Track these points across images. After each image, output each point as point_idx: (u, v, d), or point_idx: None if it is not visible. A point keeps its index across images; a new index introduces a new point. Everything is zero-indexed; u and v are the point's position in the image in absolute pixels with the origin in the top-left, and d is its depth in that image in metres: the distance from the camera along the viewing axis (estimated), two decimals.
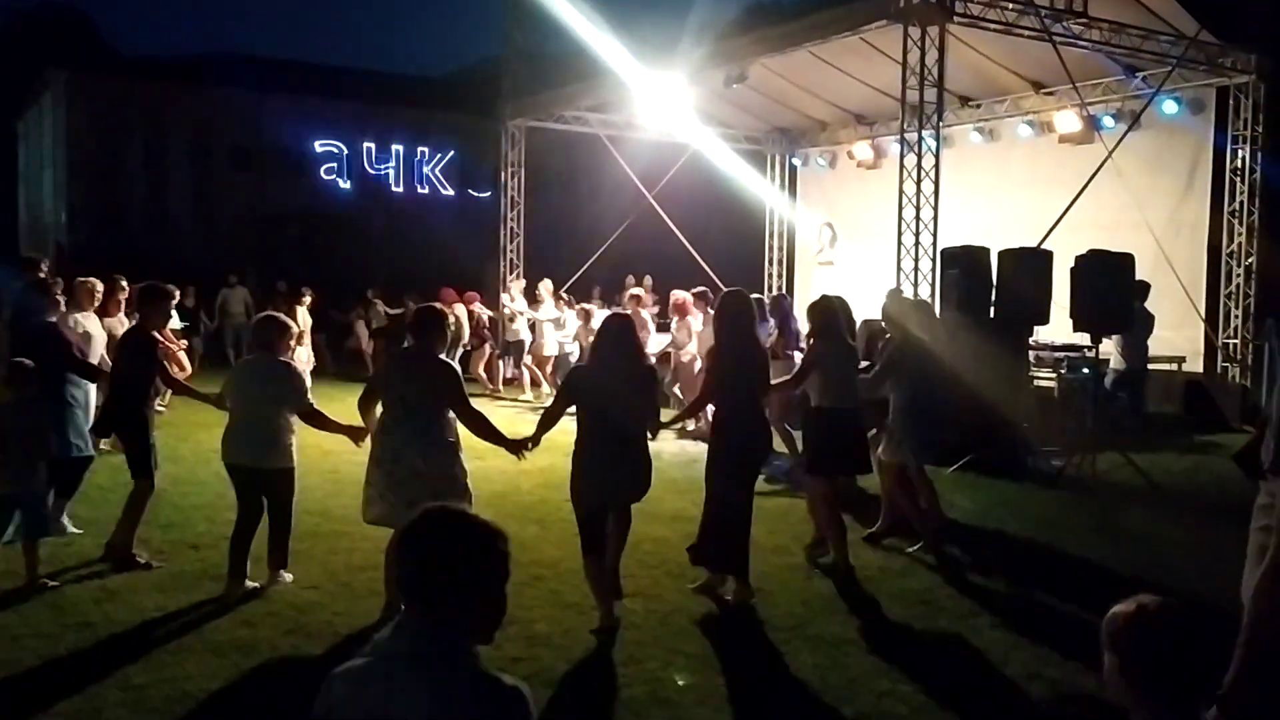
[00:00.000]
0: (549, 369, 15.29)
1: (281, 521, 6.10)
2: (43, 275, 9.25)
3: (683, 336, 12.18)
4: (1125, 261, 9.46)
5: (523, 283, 16.65)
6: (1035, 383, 11.63)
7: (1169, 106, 13.68)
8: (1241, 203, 13.64)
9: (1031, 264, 9.74)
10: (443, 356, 5.76)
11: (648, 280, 19.39)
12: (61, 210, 39.24)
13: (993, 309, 10.15)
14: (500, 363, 16.77)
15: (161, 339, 7.13)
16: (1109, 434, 10.07)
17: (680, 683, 4.78)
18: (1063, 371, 11.60)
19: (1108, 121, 14.14)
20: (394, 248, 36.19)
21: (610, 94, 15.83)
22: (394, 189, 41.28)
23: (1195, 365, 13.72)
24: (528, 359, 15.63)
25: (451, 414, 5.52)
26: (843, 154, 18.78)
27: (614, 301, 16.40)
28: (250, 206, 38.98)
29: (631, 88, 14.79)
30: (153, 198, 39.52)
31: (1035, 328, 10.60)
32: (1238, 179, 13.69)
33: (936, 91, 10.82)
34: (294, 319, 13.64)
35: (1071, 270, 9.48)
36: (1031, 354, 11.26)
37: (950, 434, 9.98)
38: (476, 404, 5.71)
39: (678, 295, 12.46)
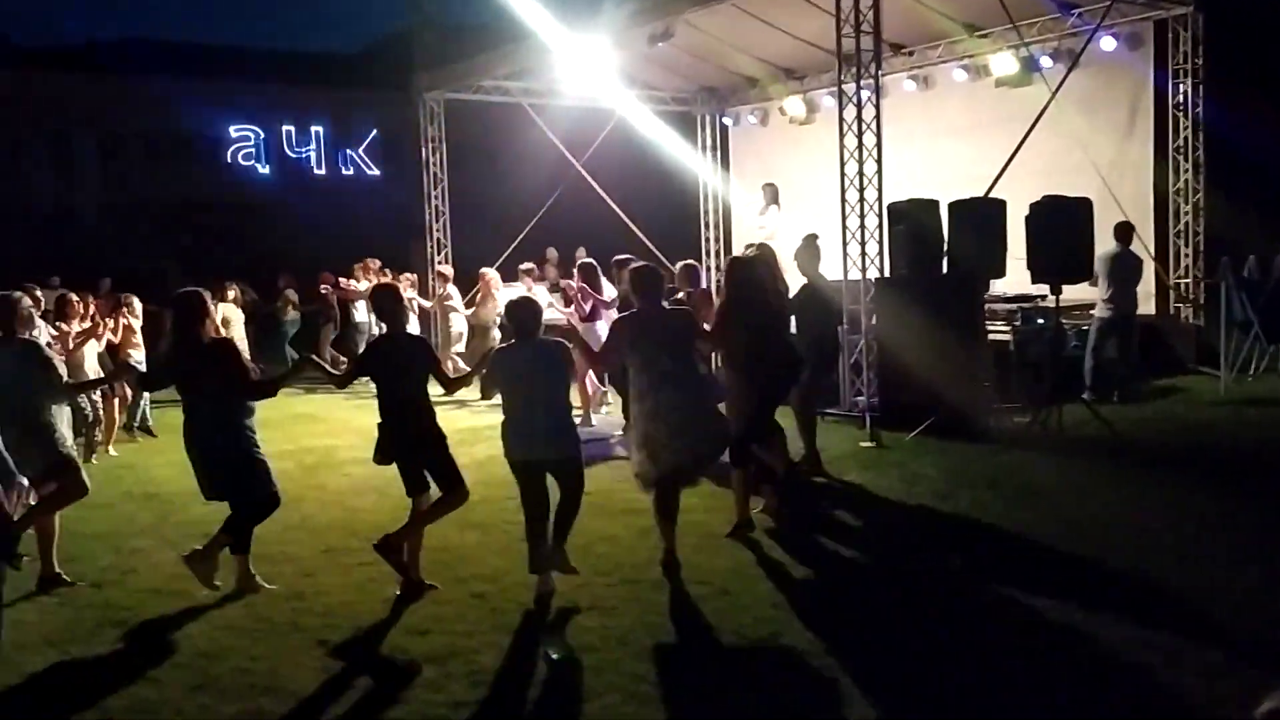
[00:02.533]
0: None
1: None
2: None
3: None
4: (1082, 207, 9.04)
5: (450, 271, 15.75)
6: (990, 337, 11.21)
7: (1106, 43, 13.26)
8: (1186, 139, 13.32)
9: (984, 215, 9.28)
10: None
11: (551, 253, 18.73)
12: None
13: (945, 264, 9.68)
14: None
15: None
16: (1068, 387, 9.70)
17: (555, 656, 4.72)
18: (1017, 324, 11.21)
19: (1045, 62, 13.71)
20: (318, 232, 35.14)
21: (530, 60, 15.08)
22: (316, 172, 40.05)
23: (1147, 308, 13.40)
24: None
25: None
26: (774, 111, 18.21)
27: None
28: (164, 197, 37.60)
29: (552, 52, 14.06)
30: (61, 193, 37.99)
31: (991, 282, 10.17)
32: (1180, 115, 13.36)
33: (873, 38, 10.26)
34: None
35: (1026, 219, 9.04)
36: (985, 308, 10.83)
37: (908, 396, 9.62)
38: None
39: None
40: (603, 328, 10.41)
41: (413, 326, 14.46)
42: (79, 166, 38.09)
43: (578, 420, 7.29)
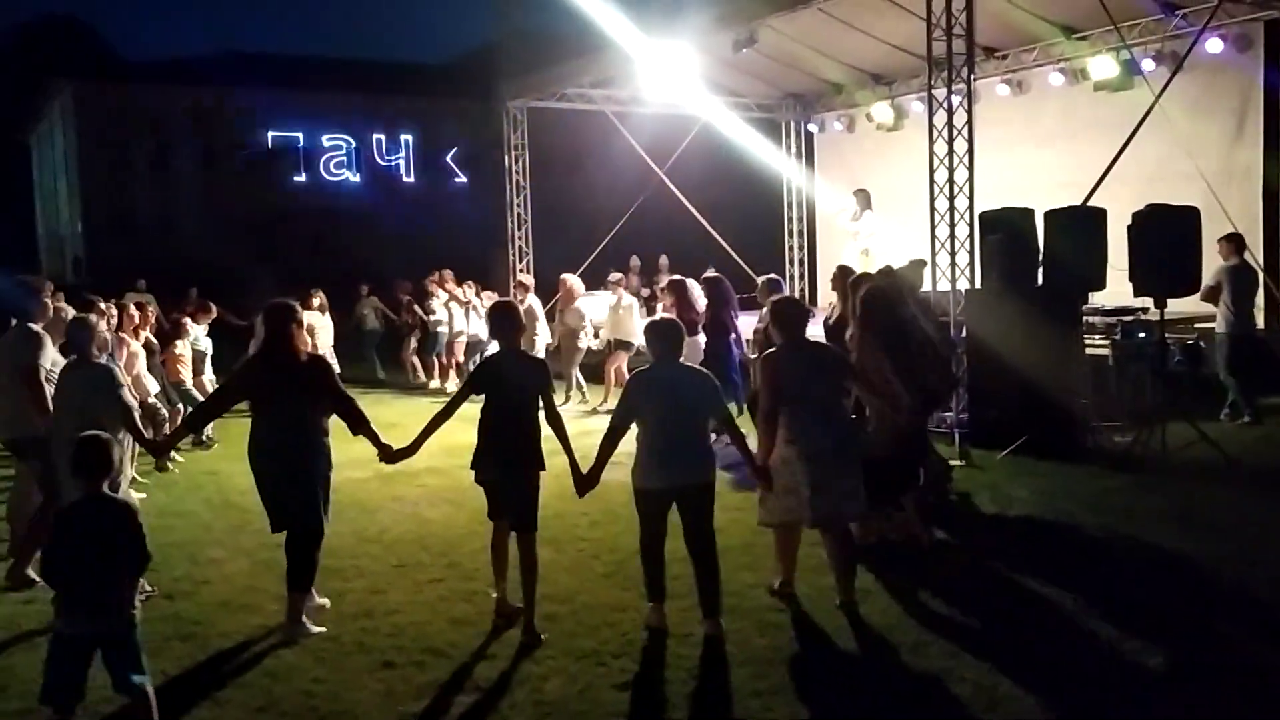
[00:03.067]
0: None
1: None
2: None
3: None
4: (1189, 216, 8.54)
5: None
6: (1087, 351, 10.71)
7: (1213, 45, 12.64)
8: None
9: (1082, 224, 8.84)
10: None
11: (634, 261, 18.56)
12: (77, 221, 38.88)
13: (1040, 275, 9.26)
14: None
15: None
16: (1172, 404, 9.17)
17: None
18: (1117, 338, 10.69)
19: (1147, 65, 13.12)
20: (406, 239, 35.59)
21: (613, 68, 14.96)
22: (405, 179, 40.64)
23: (1257, 322, 12.73)
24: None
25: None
26: (861, 117, 17.85)
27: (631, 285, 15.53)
28: (259, 205, 38.46)
29: (635, 59, 13.91)
30: (163, 202, 39.12)
31: (1089, 294, 9.71)
32: None
33: (966, 41, 9.89)
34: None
35: (1129, 228, 8.58)
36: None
37: (1001, 413, 9.22)
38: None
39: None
40: (700, 341, 10.29)
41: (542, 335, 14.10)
42: (177, 176, 39.15)
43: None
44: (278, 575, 6.18)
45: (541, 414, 5.38)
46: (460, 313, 15.09)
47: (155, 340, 11.19)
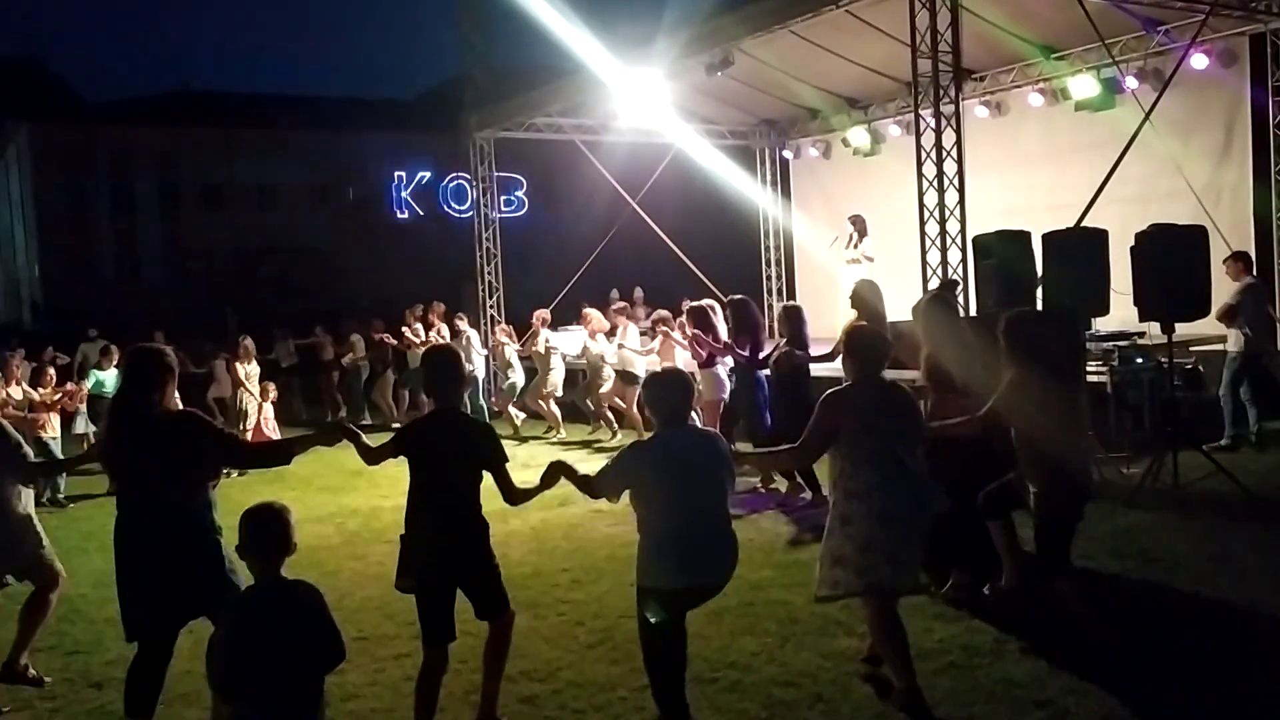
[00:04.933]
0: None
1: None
2: None
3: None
4: (1197, 236, 8.12)
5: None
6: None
7: (1198, 61, 12.32)
8: None
9: (1083, 247, 8.38)
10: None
11: (614, 294, 18.03)
12: (34, 264, 37.98)
13: (1039, 301, 8.79)
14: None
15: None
16: (1181, 433, 8.71)
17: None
18: (1114, 364, 10.25)
19: (1130, 83, 12.78)
20: (377, 276, 34.97)
21: (582, 95, 14.51)
22: (373, 216, 40.02)
23: None
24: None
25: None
26: (837, 142, 17.48)
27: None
28: (223, 246, 37.76)
29: (605, 86, 13.45)
30: (123, 244, 38.34)
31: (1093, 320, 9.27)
32: None
33: (952, 57, 9.49)
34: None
35: (1132, 250, 8.14)
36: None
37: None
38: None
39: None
40: (723, 371, 9.75)
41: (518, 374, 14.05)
42: (141, 217, 38.40)
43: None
44: None
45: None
46: None
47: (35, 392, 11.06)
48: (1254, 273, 10.10)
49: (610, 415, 12.86)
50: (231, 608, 3.46)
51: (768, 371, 9.05)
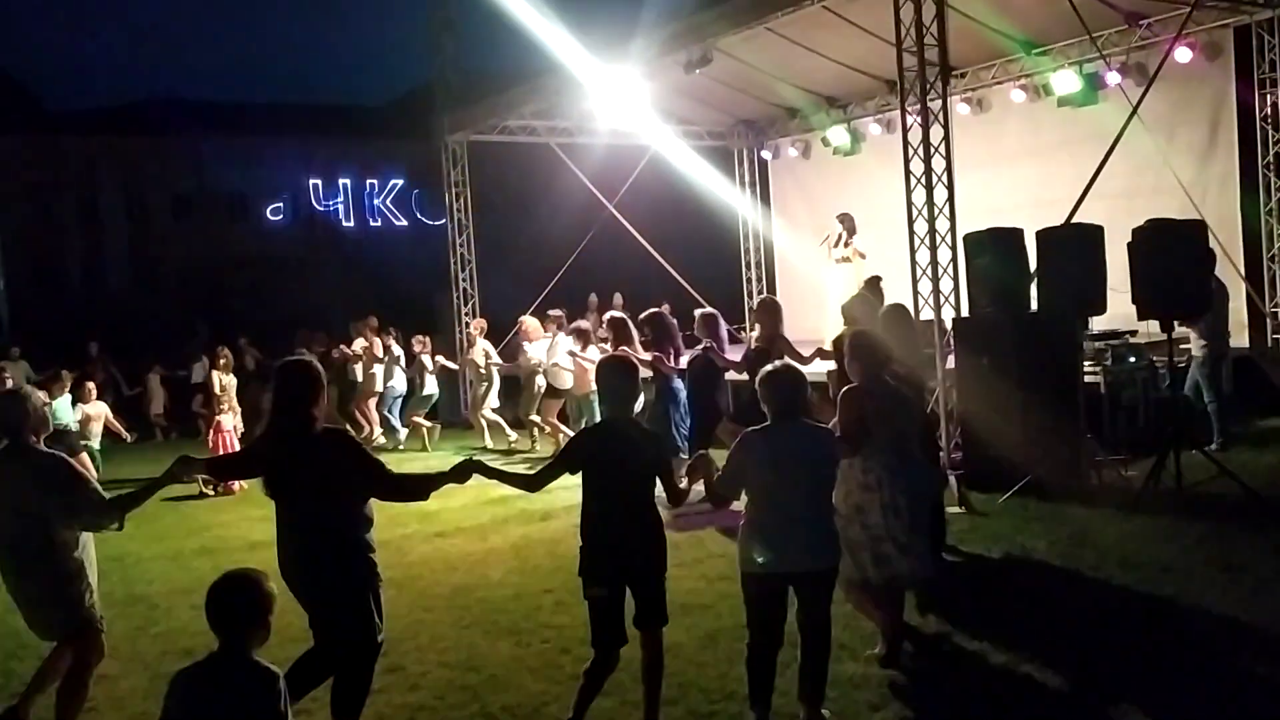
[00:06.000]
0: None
1: None
2: None
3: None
4: (1195, 231, 7.87)
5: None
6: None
7: (1181, 54, 12.08)
8: (1277, 154, 12.13)
9: (1079, 243, 8.12)
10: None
11: (593, 299, 17.77)
12: None
13: (1034, 301, 8.53)
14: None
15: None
16: (1181, 434, 8.44)
17: None
18: (1108, 364, 10.02)
19: (1112, 77, 12.56)
20: (348, 286, 34.52)
21: (556, 95, 14.14)
22: (345, 224, 39.48)
23: (1240, 339, 12.15)
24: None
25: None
26: (816, 142, 17.22)
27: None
28: (192, 257, 37.19)
29: (581, 86, 13.10)
30: (90, 256, 37.72)
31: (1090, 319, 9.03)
32: (1269, 128, 12.18)
33: (939, 51, 9.19)
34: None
35: (1130, 246, 7.87)
36: None
37: (996, 451, 8.45)
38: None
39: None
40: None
41: (430, 387, 13.93)
42: (108, 228, 37.78)
43: None
44: None
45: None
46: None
47: None
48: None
49: (538, 423, 12.67)
50: (174, 682, 3.04)
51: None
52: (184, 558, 8.48)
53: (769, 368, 4.52)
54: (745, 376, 8.40)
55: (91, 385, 12.72)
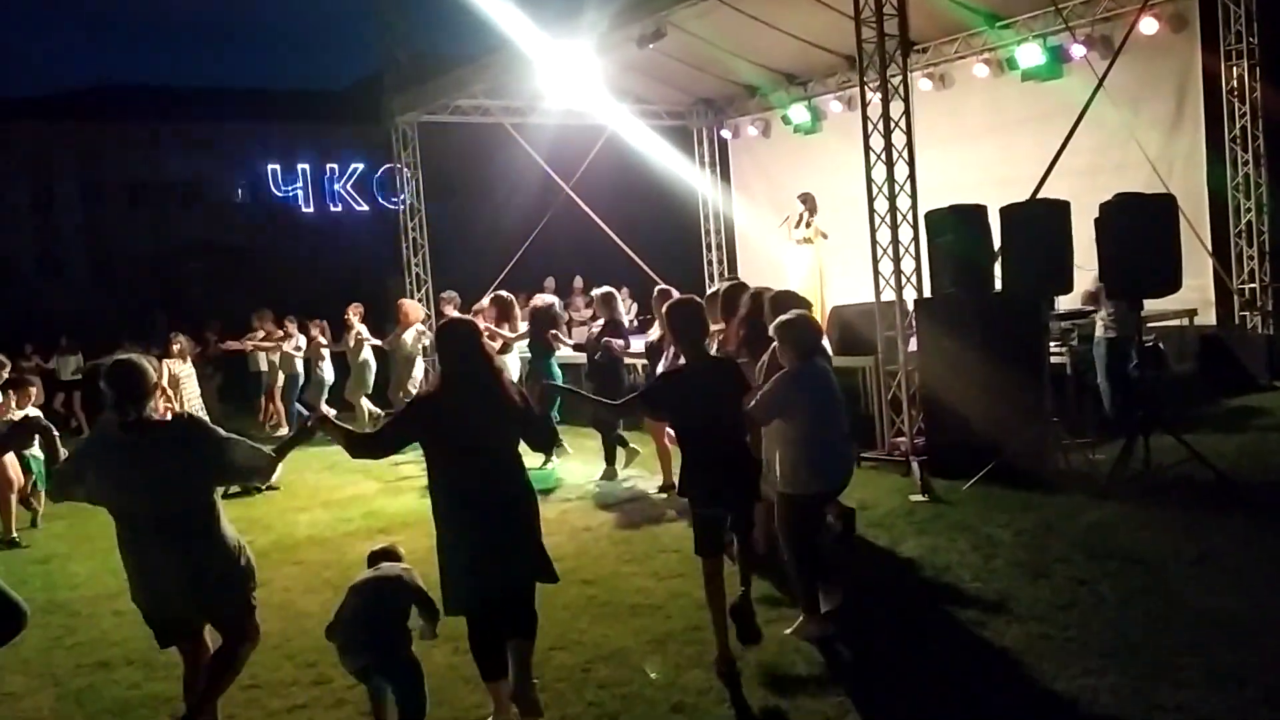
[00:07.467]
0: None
1: None
2: None
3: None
4: (1166, 206, 7.58)
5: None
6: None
7: (1147, 25, 11.84)
8: (1244, 127, 11.93)
9: (1044, 220, 7.82)
10: None
11: (549, 282, 17.39)
12: None
13: (999, 280, 8.25)
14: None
15: None
16: (1150, 416, 8.20)
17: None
18: (1074, 344, 9.78)
19: (1076, 50, 12.29)
20: (308, 271, 33.97)
21: (507, 73, 13.68)
22: (304, 210, 38.86)
23: (1207, 317, 12.00)
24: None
25: None
26: (776, 120, 16.90)
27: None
28: (148, 244, 36.51)
29: (531, 62, 12.67)
30: (44, 243, 36.93)
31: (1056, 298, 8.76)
32: (1236, 101, 11.98)
33: (898, 22, 8.86)
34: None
35: (1097, 222, 7.58)
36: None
37: (960, 436, 8.19)
38: None
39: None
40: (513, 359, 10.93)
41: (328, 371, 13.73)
42: (62, 216, 36.99)
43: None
44: (89, 714, 4.85)
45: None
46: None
47: None
48: None
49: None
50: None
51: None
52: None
53: (788, 317, 5.15)
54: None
55: (33, 390, 12.10)
